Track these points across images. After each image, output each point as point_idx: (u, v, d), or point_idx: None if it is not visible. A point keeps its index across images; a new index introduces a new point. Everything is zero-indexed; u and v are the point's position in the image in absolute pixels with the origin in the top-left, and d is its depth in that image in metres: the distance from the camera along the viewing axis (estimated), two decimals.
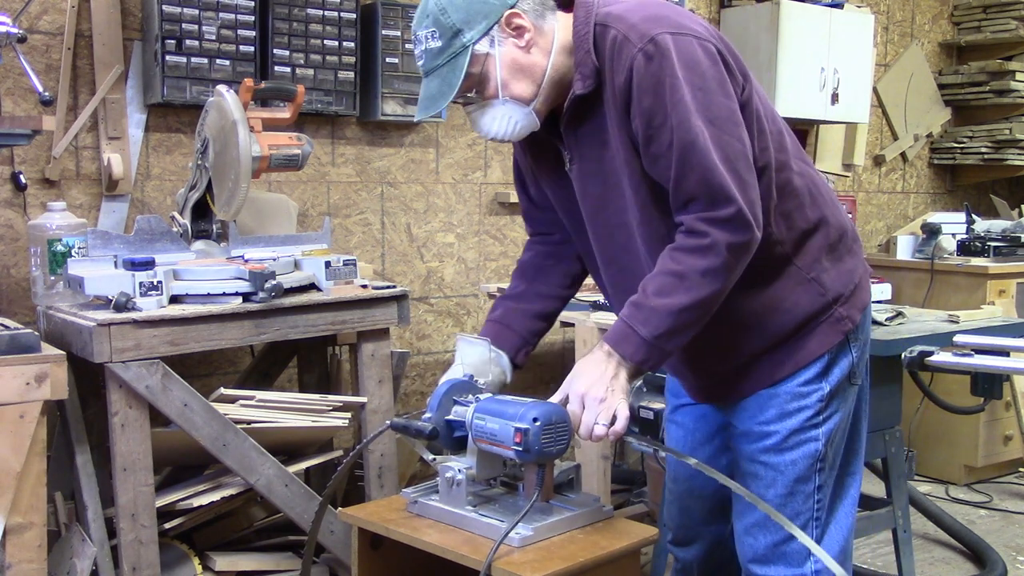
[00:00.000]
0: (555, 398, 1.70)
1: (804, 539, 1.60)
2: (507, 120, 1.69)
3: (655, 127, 1.59)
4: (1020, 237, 4.63)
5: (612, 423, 1.63)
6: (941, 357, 2.62)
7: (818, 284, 1.74)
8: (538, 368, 3.96)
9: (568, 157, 1.77)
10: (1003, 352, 2.63)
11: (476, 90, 1.68)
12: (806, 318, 1.74)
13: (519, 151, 1.90)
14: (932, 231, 4.72)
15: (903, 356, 2.67)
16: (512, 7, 1.64)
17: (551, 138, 1.77)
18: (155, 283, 2.37)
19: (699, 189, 1.58)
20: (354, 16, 3.29)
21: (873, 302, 1.94)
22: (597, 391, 1.63)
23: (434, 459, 1.75)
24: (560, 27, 1.68)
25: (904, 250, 4.86)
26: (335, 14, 3.25)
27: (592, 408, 1.63)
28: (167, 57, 2.94)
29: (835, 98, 4.35)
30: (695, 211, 1.60)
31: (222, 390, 2.61)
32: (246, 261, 2.59)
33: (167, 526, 2.54)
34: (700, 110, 1.57)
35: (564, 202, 1.85)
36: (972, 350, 2.64)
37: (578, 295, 2.09)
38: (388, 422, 1.80)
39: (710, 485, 1.93)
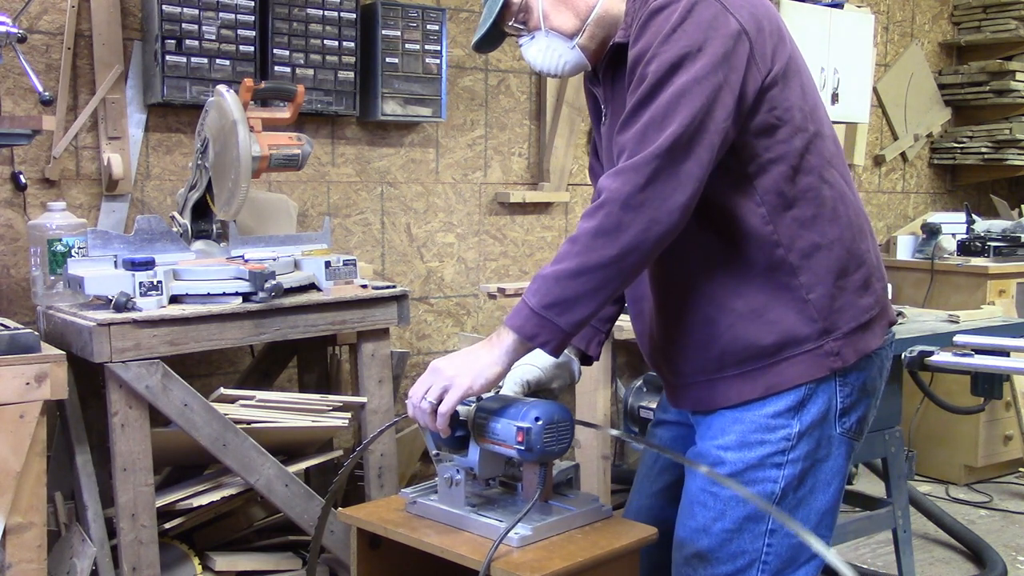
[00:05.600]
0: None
1: (801, 531, 1.46)
2: (553, 54, 1.67)
3: (637, 76, 1.51)
4: (1020, 237, 4.63)
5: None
6: (941, 357, 2.63)
7: (813, 308, 1.58)
8: None
9: (604, 112, 1.71)
10: (1003, 352, 2.64)
11: (523, 21, 1.68)
12: (788, 339, 1.58)
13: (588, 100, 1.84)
14: (932, 231, 4.73)
15: (903, 356, 2.68)
16: None
17: (594, 89, 1.74)
18: (155, 283, 2.37)
19: (630, 142, 1.47)
20: (354, 16, 3.29)
21: None
22: (442, 362, 1.56)
23: (437, 453, 1.74)
24: None
25: (904, 250, 4.87)
26: (335, 14, 3.25)
27: (424, 380, 1.56)
28: (167, 57, 2.94)
29: (835, 98, 4.35)
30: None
31: (222, 390, 2.61)
32: (246, 261, 2.59)
33: (167, 526, 2.54)
34: (682, 71, 1.46)
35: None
36: (972, 350, 2.64)
37: None
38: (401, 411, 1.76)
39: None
